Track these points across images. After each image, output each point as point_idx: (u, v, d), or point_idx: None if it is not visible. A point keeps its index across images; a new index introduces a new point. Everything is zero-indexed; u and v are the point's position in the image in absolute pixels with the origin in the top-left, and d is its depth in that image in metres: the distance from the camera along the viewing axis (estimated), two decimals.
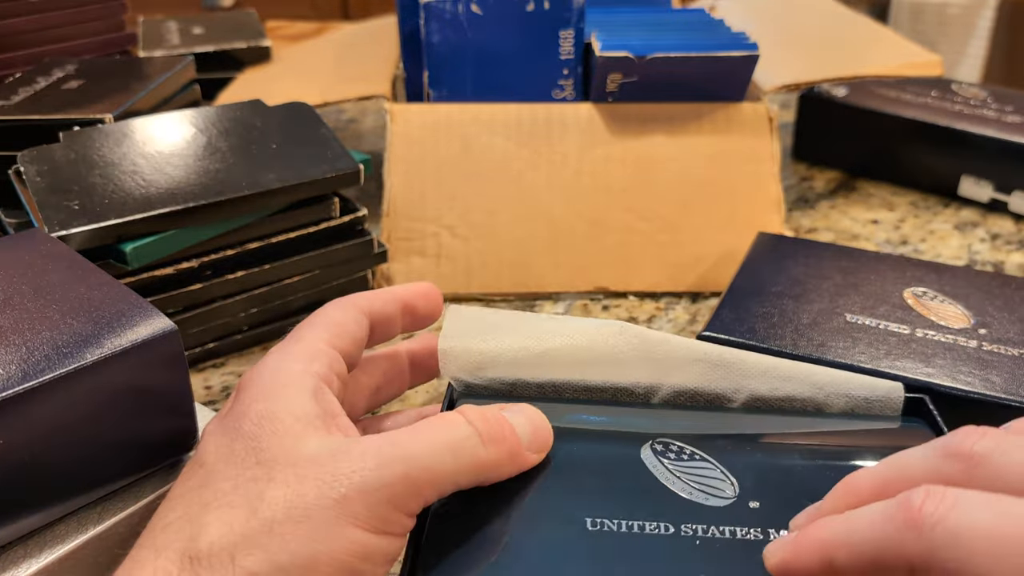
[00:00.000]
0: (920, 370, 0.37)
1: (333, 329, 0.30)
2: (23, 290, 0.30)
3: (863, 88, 0.69)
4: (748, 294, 0.42)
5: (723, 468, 0.28)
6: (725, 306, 0.41)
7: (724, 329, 0.40)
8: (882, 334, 0.39)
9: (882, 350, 0.38)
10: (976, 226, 0.62)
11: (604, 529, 0.26)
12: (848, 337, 0.39)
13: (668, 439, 0.29)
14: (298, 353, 0.28)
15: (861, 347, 0.38)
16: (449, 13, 0.54)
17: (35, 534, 0.28)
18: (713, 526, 0.26)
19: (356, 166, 0.47)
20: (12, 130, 0.49)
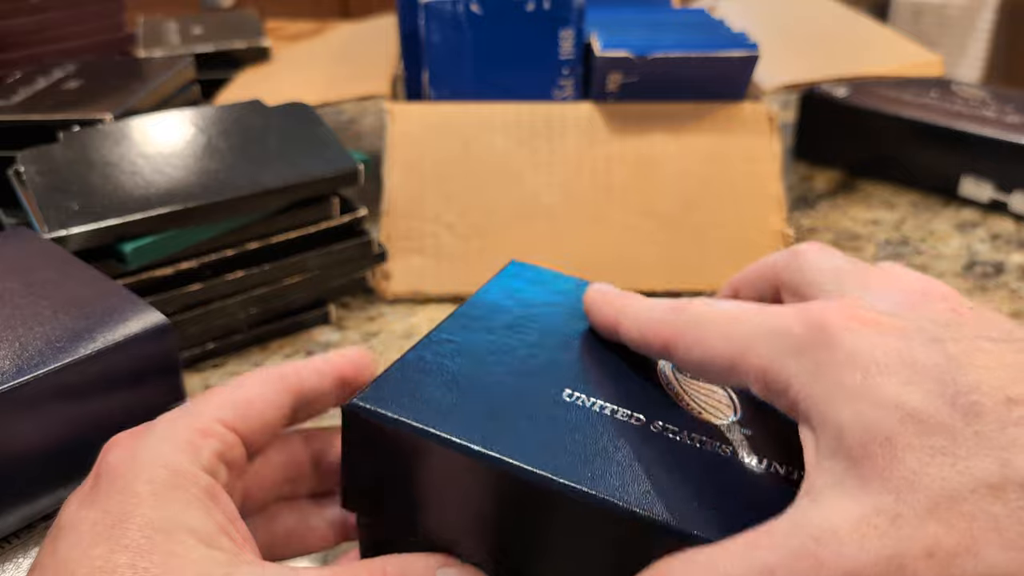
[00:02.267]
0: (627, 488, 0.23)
1: (238, 408, 0.25)
2: (13, 287, 0.30)
3: (863, 88, 0.69)
4: (442, 353, 0.28)
5: (735, 397, 0.27)
6: (396, 368, 0.26)
7: (383, 401, 0.25)
8: (601, 422, 0.25)
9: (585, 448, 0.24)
10: (976, 226, 0.62)
11: (576, 401, 0.26)
12: (551, 425, 0.25)
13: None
14: (186, 436, 0.23)
15: (556, 437, 0.24)
16: (449, 13, 0.54)
17: (35, 534, 0.28)
18: (688, 432, 0.25)
19: (356, 166, 0.47)
20: (12, 130, 0.49)
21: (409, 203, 0.54)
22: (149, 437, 0.23)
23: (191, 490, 0.22)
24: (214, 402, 0.25)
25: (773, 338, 0.22)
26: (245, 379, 0.26)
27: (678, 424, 0.26)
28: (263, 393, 0.26)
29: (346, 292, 0.51)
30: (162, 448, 0.23)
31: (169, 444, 0.23)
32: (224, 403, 0.25)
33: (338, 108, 0.86)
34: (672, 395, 0.27)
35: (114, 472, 0.22)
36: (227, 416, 0.25)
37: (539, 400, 0.26)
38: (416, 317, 0.51)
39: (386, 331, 0.50)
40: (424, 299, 0.52)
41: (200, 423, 0.24)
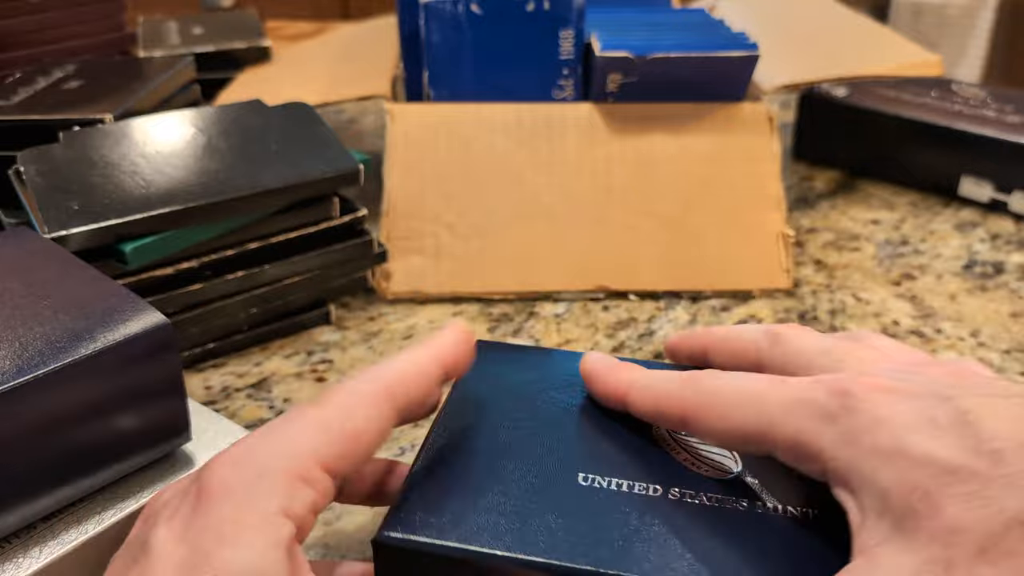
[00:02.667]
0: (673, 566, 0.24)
1: (345, 446, 0.24)
2: (13, 287, 0.30)
3: (863, 88, 0.69)
4: (447, 458, 0.28)
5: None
6: (411, 491, 0.27)
7: (409, 528, 0.25)
8: (624, 501, 0.26)
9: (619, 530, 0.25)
10: (976, 226, 0.62)
11: (594, 484, 0.27)
12: (579, 513, 0.26)
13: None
14: (285, 479, 0.23)
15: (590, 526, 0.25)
16: (449, 13, 0.54)
17: (35, 534, 0.28)
18: (703, 493, 0.26)
19: (356, 166, 0.47)
20: (12, 130, 0.49)
21: (409, 203, 0.54)
22: (250, 467, 0.23)
23: (272, 537, 0.22)
24: (322, 436, 0.24)
25: (800, 408, 0.23)
26: (353, 400, 0.25)
27: (692, 487, 0.27)
28: (371, 424, 0.25)
29: (346, 292, 0.51)
30: (259, 488, 0.23)
31: (267, 483, 0.23)
32: (332, 439, 0.24)
33: (338, 108, 0.86)
34: (676, 457, 0.28)
35: (210, 499, 0.23)
36: (330, 457, 0.24)
37: (558, 490, 0.27)
38: (416, 317, 0.51)
39: (386, 331, 0.50)
40: (424, 299, 0.53)
41: (303, 466, 0.23)
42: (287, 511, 0.23)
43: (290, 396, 0.44)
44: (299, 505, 0.23)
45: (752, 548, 0.24)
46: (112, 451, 0.29)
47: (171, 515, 0.23)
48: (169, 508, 0.23)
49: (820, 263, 0.57)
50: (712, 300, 0.53)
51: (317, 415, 0.25)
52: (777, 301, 0.52)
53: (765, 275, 0.53)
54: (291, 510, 0.23)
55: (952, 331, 0.50)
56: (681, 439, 0.29)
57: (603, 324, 0.50)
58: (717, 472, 0.28)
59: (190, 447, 0.32)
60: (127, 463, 0.30)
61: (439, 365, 0.28)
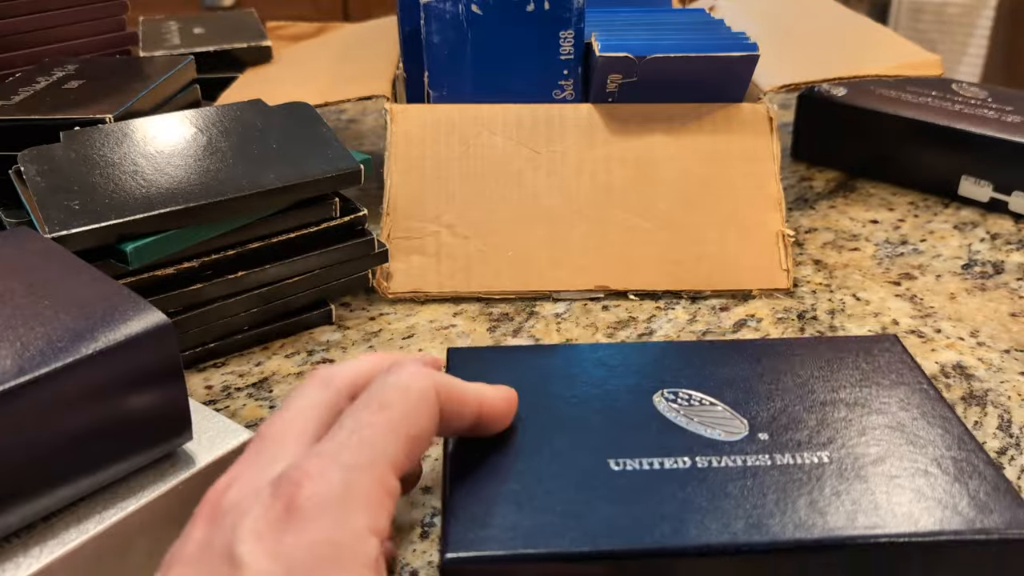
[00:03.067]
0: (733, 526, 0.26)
1: (412, 446, 0.25)
2: (14, 287, 0.30)
3: (863, 88, 0.69)
4: (476, 471, 0.29)
5: (733, 410, 0.31)
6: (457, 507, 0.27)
7: (471, 544, 0.26)
8: (661, 478, 0.28)
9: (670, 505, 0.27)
10: (976, 226, 0.62)
11: (627, 468, 0.28)
12: (626, 497, 0.27)
13: (676, 388, 0.32)
14: (373, 494, 0.23)
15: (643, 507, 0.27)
16: (449, 13, 0.54)
17: (35, 534, 0.28)
18: (726, 456, 0.29)
19: (356, 166, 0.47)
20: (12, 130, 0.49)
21: (409, 203, 0.54)
22: (337, 478, 0.23)
23: (363, 559, 0.22)
24: (394, 442, 0.24)
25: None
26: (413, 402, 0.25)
27: (716, 452, 0.29)
28: (431, 426, 0.26)
29: (347, 292, 0.51)
30: (350, 505, 0.23)
31: (356, 500, 0.23)
32: (401, 445, 0.24)
33: (338, 108, 0.86)
34: (687, 427, 0.30)
35: (303, 515, 0.22)
36: (401, 462, 0.24)
37: (596, 480, 0.28)
38: (417, 317, 0.51)
39: (387, 331, 0.50)
40: (425, 299, 0.53)
41: (383, 476, 0.23)
42: (374, 528, 0.23)
43: None
44: (384, 520, 0.23)
45: (787, 498, 0.27)
46: (112, 451, 0.29)
47: (258, 527, 0.22)
48: (251, 516, 0.23)
49: (819, 263, 0.57)
50: (712, 300, 0.53)
51: (386, 420, 0.25)
52: (776, 301, 0.53)
53: (765, 275, 0.53)
54: (377, 526, 0.23)
55: (951, 331, 0.50)
56: (683, 408, 0.31)
57: (603, 324, 0.50)
58: (730, 433, 0.30)
59: (190, 447, 0.32)
60: (127, 463, 0.30)
61: (478, 404, 0.28)
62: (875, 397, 0.32)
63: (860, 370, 0.34)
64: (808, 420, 0.31)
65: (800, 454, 0.29)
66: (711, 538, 0.25)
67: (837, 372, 0.34)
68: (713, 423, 0.30)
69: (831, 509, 0.26)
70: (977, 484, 0.28)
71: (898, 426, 0.31)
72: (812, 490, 0.27)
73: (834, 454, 0.29)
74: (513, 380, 0.32)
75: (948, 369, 0.46)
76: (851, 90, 0.69)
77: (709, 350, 0.35)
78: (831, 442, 0.30)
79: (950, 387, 0.45)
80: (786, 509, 0.26)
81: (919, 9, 1.58)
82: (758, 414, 0.31)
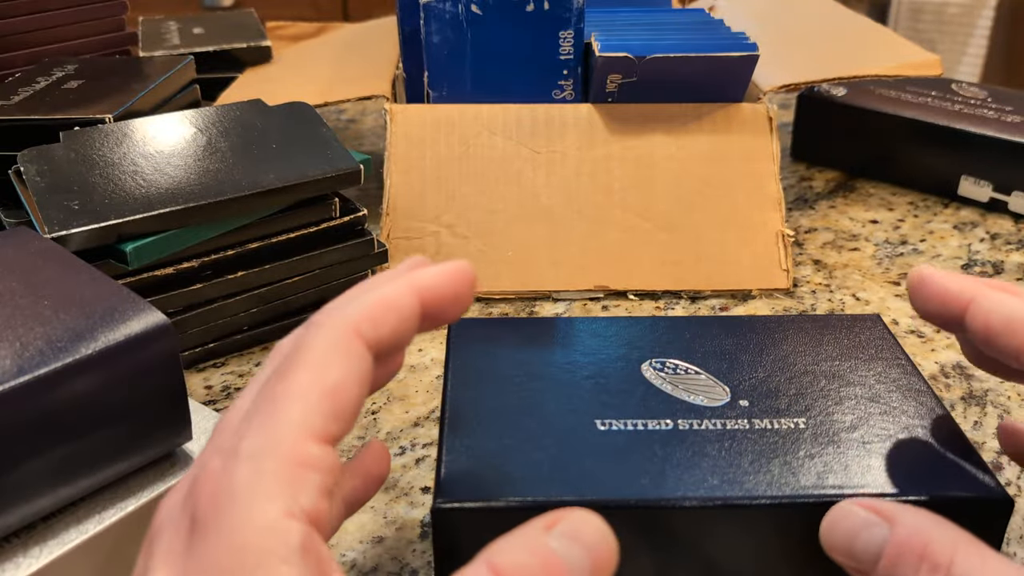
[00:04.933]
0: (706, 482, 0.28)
1: (327, 405, 0.21)
2: (14, 287, 0.30)
3: (862, 88, 0.69)
4: (469, 428, 0.30)
5: (716, 379, 0.33)
6: (450, 460, 0.28)
7: (462, 493, 0.27)
8: (644, 438, 0.29)
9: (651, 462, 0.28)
10: (975, 226, 0.62)
11: (612, 428, 0.30)
12: (610, 454, 0.29)
13: (664, 359, 0.34)
14: (282, 475, 0.20)
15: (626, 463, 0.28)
16: (449, 13, 0.54)
17: (35, 534, 0.28)
18: (707, 420, 0.30)
19: (356, 166, 0.47)
20: (12, 130, 0.49)
21: (409, 203, 0.54)
22: (239, 470, 0.20)
23: (280, 553, 0.19)
24: (303, 407, 0.21)
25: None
26: (320, 352, 0.22)
27: (697, 417, 0.30)
28: (349, 372, 0.22)
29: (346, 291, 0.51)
30: (254, 496, 0.20)
31: (262, 488, 0.20)
32: (314, 405, 0.21)
33: (338, 108, 0.86)
34: (671, 393, 0.32)
35: (204, 526, 0.20)
36: (323, 426, 0.21)
37: (583, 438, 0.29)
38: None
39: None
40: None
41: (295, 450, 0.20)
42: (291, 512, 0.20)
43: None
44: (305, 498, 0.20)
45: (762, 458, 0.28)
46: (112, 451, 0.29)
47: (167, 549, 0.20)
48: (163, 540, 0.21)
49: (819, 263, 0.57)
50: (711, 300, 0.53)
51: (287, 387, 0.21)
52: (776, 301, 0.53)
53: (764, 275, 0.53)
54: (296, 507, 0.20)
55: None
56: (669, 376, 0.33)
57: None
58: (712, 399, 0.31)
59: (190, 447, 0.32)
60: (127, 463, 0.30)
61: (414, 296, 0.24)
62: (853, 370, 0.33)
63: (841, 345, 0.35)
64: (788, 389, 0.32)
65: (778, 420, 0.30)
66: (688, 491, 0.27)
67: (819, 346, 0.35)
68: (697, 390, 0.32)
69: (803, 470, 0.28)
70: (944, 450, 0.29)
71: (874, 397, 0.32)
72: (787, 452, 0.29)
73: (810, 421, 0.30)
74: (513, 348, 0.34)
75: (948, 369, 0.46)
76: (851, 90, 0.69)
77: (699, 324, 0.36)
78: (808, 410, 0.31)
79: (950, 387, 0.45)
80: (760, 468, 0.28)
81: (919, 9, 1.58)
82: (740, 383, 0.32)
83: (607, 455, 0.28)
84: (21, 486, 0.27)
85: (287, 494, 0.20)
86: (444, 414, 0.31)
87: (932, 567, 0.23)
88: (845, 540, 0.25)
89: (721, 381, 0.33)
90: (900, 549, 0.23)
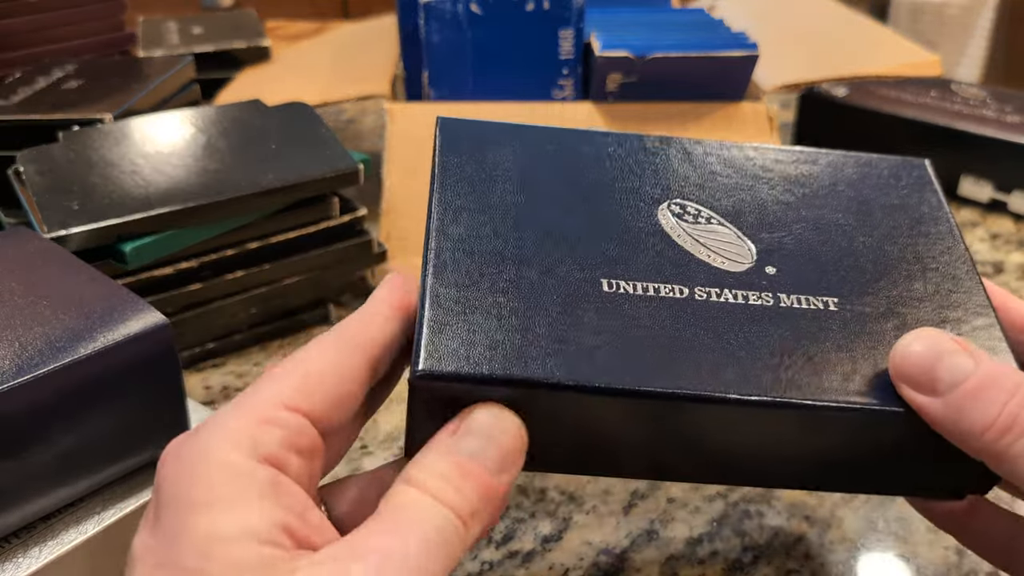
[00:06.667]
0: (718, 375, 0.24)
1: (306, 386, 0.22)
2: (13, 287, 0.30)
3: (863, 88, 0.69)
4: (458, 274, 0.26)
5: (741, 233, 0.28)
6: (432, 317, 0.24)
7: (445, 360, 0.23)
8: (654, 306, 0.26)
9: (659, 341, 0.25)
10: (976, 226, 0.62)
11: (619, 291, 0.26)
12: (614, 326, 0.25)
13: (684, 201, 0.29)
14: (243, 429, 0.21)
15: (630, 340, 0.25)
16: (449, 13, 0.54)
17: (35, 534, 0.28)
18: (727, 289, 0.26)
19: (356, 166, 0.47)
20: (12, 130, 0.49)
21: (409, 203, 0.54)
22: (201, 438, 0.21)
23: (250, 488, 0.20)
24: (276, 384, 0.22)
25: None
26: (311, 350, 0.23)
27: (716, 284, 0.26)
28: (333, 364, 0.23)
29: (346, 291, 0.51)
30: (217, 448, 0.20)
31: (225, 441, 0.20)
32: (288, 384, 0.22)
33: (338, 108, 0.86)
34: (690, 250, 0.27)
35: (168, 485, 0.20)
36: (291, 398, 0.22)
37: (586, 302, 0.25)
38: None
39: None
40: None
41: (259, 411, 0.21)
42: (255, 455, 0.20)
43: None
44: (265, 447, 0.20)
45: (787, 347, 0.25)
46: (112, 451, 0.29)
47: (137, 550, 0.20)
48: (138, 538, 0.21)
49: None
50: None
51: (272, 370, 0.23)
52: None
53: None
54: (258, 454, 0.20)
55: None
56: (688, 227, 0.28)
57: None
58: (735, 263, 0.27)
59: None
60: (127, 463, 0.30)
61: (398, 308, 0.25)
62: (892, 238, 0.29)
63: (886, 205, 0.30)
64: (820, 255, 0.28)
65: (807, 297, 0.27)
66: (697, 387, 0.24)
67: (861, 205, 0.30)
68: (719, 248, 0.28)
69: (827, 368, 0.25)
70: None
71: (911, 275, 0.28)
72: (812, 342, 0.25)
73: (843, 302, 0.27)
74: (510, 164, 0.29)
75: None
76: (851, 90, 0.69)
77: (727, 160, 0.31)
78: (841, 285, 0.27)
79: None
80: (780, 364, 0.24)
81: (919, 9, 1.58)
82: (769, 242, 0.28)
83: (610, 327, 0.25)
84: (21, 486, 0.27)
85: (251, 444, 0.20)
86: (427, 255, 0.26)
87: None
88: (927, 359, 0.23)
89: (747, 237, 0.28)
90: (992, 379, 0.22)
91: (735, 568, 0.34)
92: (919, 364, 0.23)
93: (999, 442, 0.22)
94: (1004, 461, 0.22)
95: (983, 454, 0.22)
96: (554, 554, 0.34)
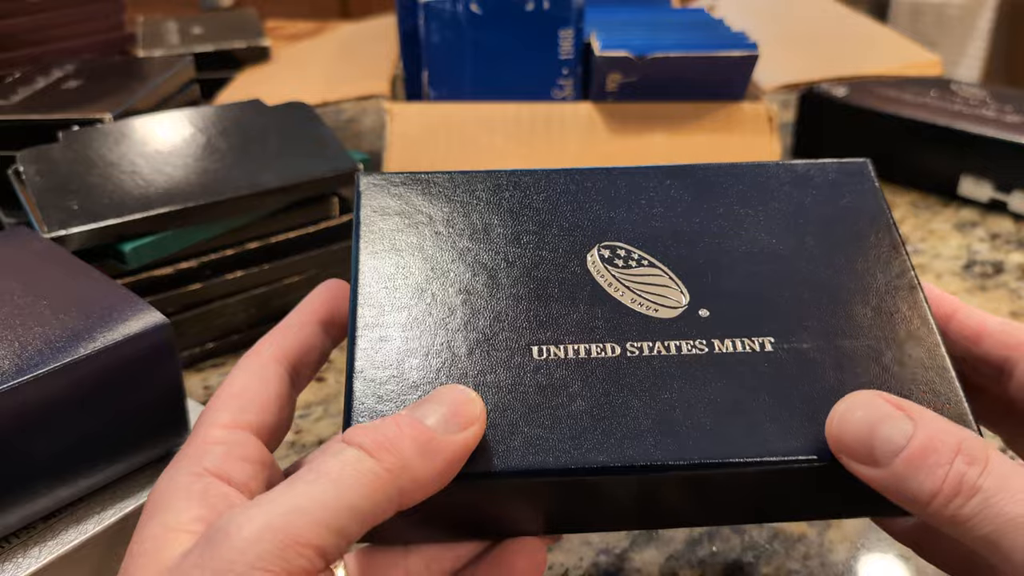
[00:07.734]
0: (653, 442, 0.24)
1: (234, 403, 0.25)
2: (13, 287, 0.30)
3: (863, 88, 0.69)
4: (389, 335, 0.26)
5: (672, 274, 0.27)
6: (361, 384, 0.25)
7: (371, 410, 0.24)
8: (586, 372, 0.25)
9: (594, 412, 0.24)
10: (976, 226, 0.62)
11: (551, 357, 0.25)
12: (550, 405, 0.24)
13: (614, 243, 0.28)
14: (190, 453, 0.24)
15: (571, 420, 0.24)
16: (449, 13, 0.54)
17: (35, 534, 0.28)
18: (659, 342, 0.25)
19: (355, 166, 0.47)
20: (12, 130, 0.49)
21: None
22: (170, 467, 0.24)
23: (179, 497, 0.23)
24: (212, 413, 0.25)
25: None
26: (234, 374, 0.26)
27: (649, 337, 0.26)
28: (258, 379, 0.26)
29: None
30: (175, 473, 0.24)
31: (180, 465, 0.24)
32: (218, 407, 0.25)
33: (338, 108, 0.86)
34: (620, 299, 0.27)
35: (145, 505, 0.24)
36: (228, 419, 0.25)
37: (518, 376, 0.25)
38: None
39: None
40: None
41: (202, 437, 0.25)
42: (195, 473, 0.23)
43: None
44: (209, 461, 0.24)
45: (722, 401, 0.24)
46: (112, 451, 0.29)
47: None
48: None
49: None
50: None
51: (207, 405, 0.26)
52: None
53: None
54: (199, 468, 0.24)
55: None
56: (615, 271, 0.27)
57: None
58: (668, 308, 0.26)
59: None
60: (127, 463, 0.30)
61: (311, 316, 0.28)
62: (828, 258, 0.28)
63: (825, 219, 0.29)
64: (756, 287, 0.27)
65: (741, 339, 0.25)
66: (631, 457, 0.23)
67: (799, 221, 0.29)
68: (649, 295, 0.27)
69: (762, 425, 0.24)
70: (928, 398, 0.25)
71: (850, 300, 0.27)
72: (747, 392, 0.24)
73: (779, 341, 0.25)
74: (436, 221, 0.29)
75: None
76: (851, 90, 0.69)
77: (657, 186, 0.30)
78: (777, 318, 0.26)
79: None
80: (717, 420, 0.24)
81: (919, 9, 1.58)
82: (702, 283, 0.27)
83: (544, 404, 0.24)
84: (21, 486, 0.27)
85: (193, 463, 0.24)
86: (354, 326, 0.26)
87: (970, 460, 0.21)
88: (863, 430, 0.22)
89: (679, 278, 0.27)
90: (931, 443, 0.22)
91: (735, 568, 0.34)
92: (855, 436, 0.22)
93: (947, 508, 0.21)
94: (956, 524, 0.21)
95: (934, 520, 0.21)
96: (554, 554, 0.34)
